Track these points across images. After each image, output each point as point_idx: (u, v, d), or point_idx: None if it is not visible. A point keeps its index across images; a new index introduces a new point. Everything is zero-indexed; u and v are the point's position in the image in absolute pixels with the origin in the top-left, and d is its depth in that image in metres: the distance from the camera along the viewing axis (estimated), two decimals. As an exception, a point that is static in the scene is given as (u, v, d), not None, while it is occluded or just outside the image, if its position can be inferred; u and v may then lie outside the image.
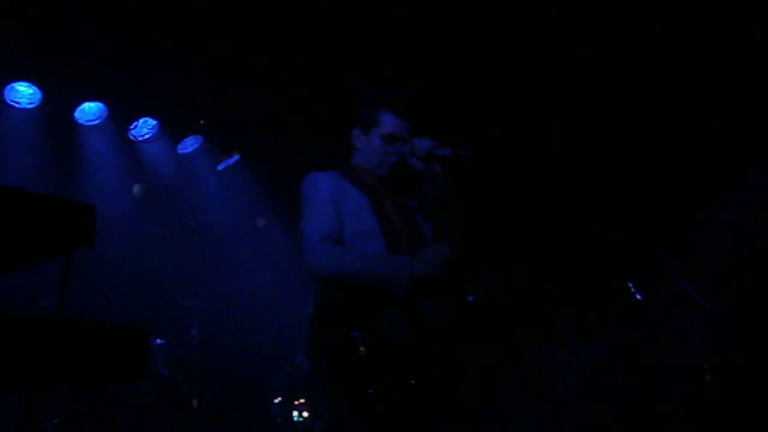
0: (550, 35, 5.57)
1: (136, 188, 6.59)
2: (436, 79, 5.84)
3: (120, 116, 6.48)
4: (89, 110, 6.32)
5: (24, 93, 6.01)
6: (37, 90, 6.01)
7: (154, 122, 6.66)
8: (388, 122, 3.36)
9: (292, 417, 6.63)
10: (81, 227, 1.91)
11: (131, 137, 6.62)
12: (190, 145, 6.94)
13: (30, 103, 6.04)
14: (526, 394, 5.69)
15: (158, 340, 5.94)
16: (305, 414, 6.69)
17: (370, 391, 2.88)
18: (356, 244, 3.15)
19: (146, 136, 6.69)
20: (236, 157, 7.05)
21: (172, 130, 6.82)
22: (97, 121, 6.37)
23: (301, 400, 6.72)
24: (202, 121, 6.87)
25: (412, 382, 2.92)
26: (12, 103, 6.00)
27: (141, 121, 6.60)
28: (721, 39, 5.29)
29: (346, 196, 3.24)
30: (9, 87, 5.95)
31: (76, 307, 5.45)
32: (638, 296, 4.57)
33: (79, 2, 5.43)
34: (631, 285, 4.73)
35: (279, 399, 6.71)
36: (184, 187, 7.12)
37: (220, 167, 7.06)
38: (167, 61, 6.11)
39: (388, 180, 3.41)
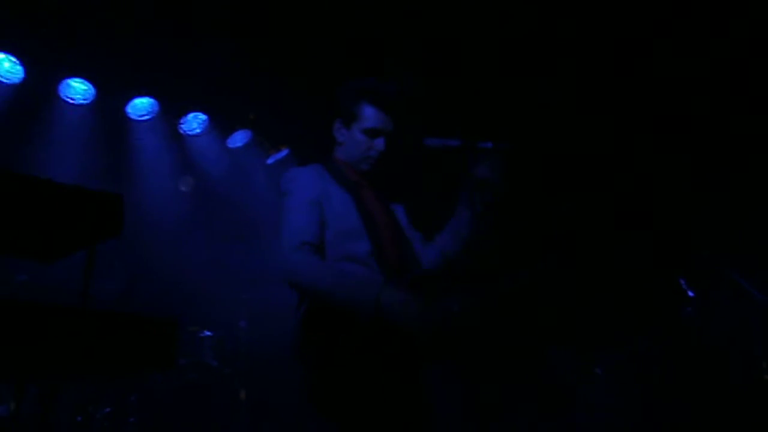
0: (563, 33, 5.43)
1: (183, 182, 6.67)
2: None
3: (170, 111, 6.57)
4: (141, 105, 6.43)
5: (78, 89, 6.15)
6: (90, 86, 6.14)
7: (204, 117, 6.74)
8: (369, 115, 3.20)
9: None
10: (108, 217, 1.92)
11: (181, 132, 6.71)
12: (239, 139, 7.01)
13: (84, 99, 6.18)
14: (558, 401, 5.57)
15: (206, 332, 6.01)
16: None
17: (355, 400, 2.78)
18: (340, 245, 3.00)
19: (196, 131, 6.78)
20: (286, 151, 7.07)
21: (221, 124, 6.89)
22: (148, 117, 6.48)
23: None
24: (251, 116, 6.91)
25: (392, 392, 2.81)
26: (67, 99, 6.14)
27: (191, 115, 6.69)
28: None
29: (330, 195, 3.08)
30: (64, 83, 6.09)
31: (126, 297, 5.60)
32: (690, 293, 4.44)
33: (128, 3, 5.51)
34: (683, 282, 4.61)
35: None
36: (234, 181, 7.18)
37: (269, 161, 7.09)
38: (217, 56, 6.17)
39: (371, 175, 3.28)
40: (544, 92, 5.76)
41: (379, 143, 3.21)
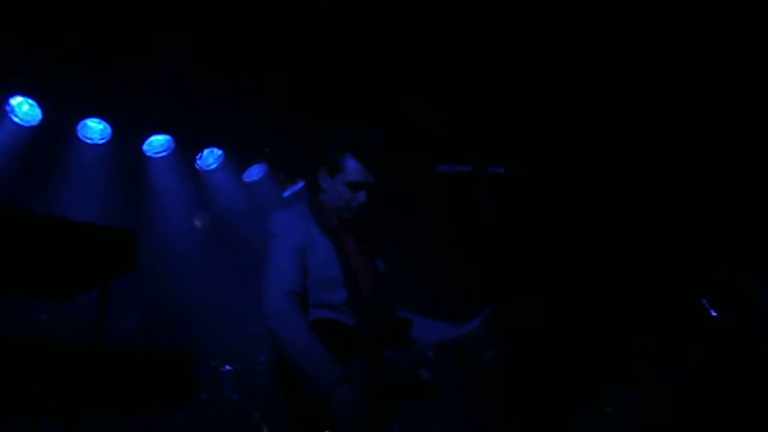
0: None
1: (198, 218, 6.70)
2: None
3: (186, 147, 6.63)
4: (157, 143, 6.50)
5: (95, 129, 6.23)
6: (107, 125, 6.22)
7: (220, 152, 6.80)
8: (352, 169, 3.27)
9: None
10: (122, 254, 1.93)
11: (198, 167, 6.76)
12: (255, 173, 7.05)
13: (101, 139, 6.26)
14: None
15: (227, 367, 5.99)
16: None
17: None
18: (319, 292, 3.09)
19: (212, 166, 6.83)
20: (301, 183, 7.11)
21: (237, 159, 6.94)
22: (164, 153, 6.54)
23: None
24: (266, 150, 6.96)
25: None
26: (85, 140, 6.22)
27: (207, 151, 6.74)
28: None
29: (313, 241, 3.17)
30: (81, 124, 6.18)
31: (147, 334, 5.62)
32: (713, 313, 4.38)
33: (143, 40, 5.60)
34: (705, 302, 4.55)
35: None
36: (251, 215, 7.21)
37: (285, 194, 7.12)
38: (230, 92, 6.25)
39: (353, 223, 3.35)
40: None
41: (361, 196, 3.27)
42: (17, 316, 5.01)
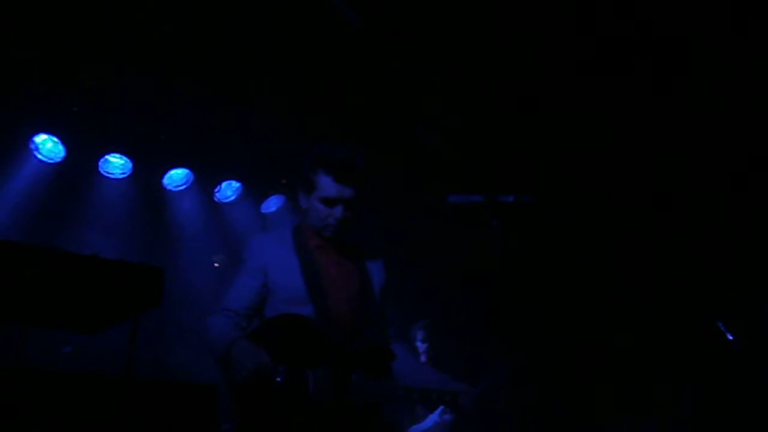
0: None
1: (216, 258, 6.79)
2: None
3: (205, 180, 6.74)
4: (176, 176, 6.62)
5: (116, 164, 6.36)
6: (128, 160, 6.35)
7: (238, 184, 6.91)
8: (324, 184, 3.25)
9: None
10: (149, 289, 2.02)
11: (216, 200, 6.88)
12: (273, 204, 7.16)
13: (122, 173, 6.39)
14: None
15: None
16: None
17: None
18: (286, 311, 3.11)
19: (231, 198, 6.94)
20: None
21: (255, 191, 7.04)
22: (184, 187, 6.66)
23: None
24: (284, 181, 7.07)
25: None
26: (107, 175, 6.35)
27: (225, 184, 6.85)
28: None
29: (281, 262, 3.20)
30: (103, 159, 6.31)
31: (164, 369, 5.68)
32: (729, 336, 4.38)
33: (162, 76, 5.75)
34: (721, 326, 4.55)
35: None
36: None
37: (302, 226, 7.20)
38: (248, 125, 6.37)
39: (335, 241, 3.34)
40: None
41: (338, 211, 3.25)
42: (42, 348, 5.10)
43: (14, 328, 2.33)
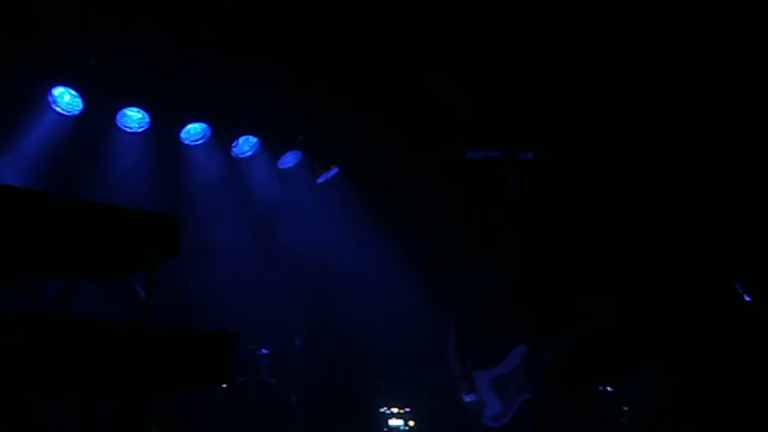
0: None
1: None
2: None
3: (223, 135, 6.74)
4: (194, 131, 6.62)
5: (134, 118, 6.37)
6: (145, 114, 6.35)
7: (255, 140, 6.90)
8: None
9: (397, 426, 6.69)
10: (165, 239, 2.02)
11: (233, 155, 6.88)
12: (290, 160, 7.15)
13: (140, 127, 6.39)
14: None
15: (264, 350, 6.13)
16: (411, 423, 6.74)
17: None
18: None
19: (248, 153, 6.94)
20: (335, 170, 7.19)
21: (272, 146, 7.04)
22: (201, 141, 6.66)
23: (407, 409, 6.78)
24: (301, 137, 7.05)
25: None
26: (124, 128, 6.36)
27: (242, 139, 6.84)
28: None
29: None
30: (120, 113, 6.31)
31: (186, 317, 5.75)
32: (747, 297, 4.37)
33: (180, 30, 5.71)
34: (739, 287, 4.53)
35: (385, 408, 6.79)
36: (286, 201, 7.32)
37: (319, 180, 7.21)
38: (265, 80, 6.34)
39: None
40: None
41: None
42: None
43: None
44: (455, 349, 5.34)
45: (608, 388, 5.52)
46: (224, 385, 5.69)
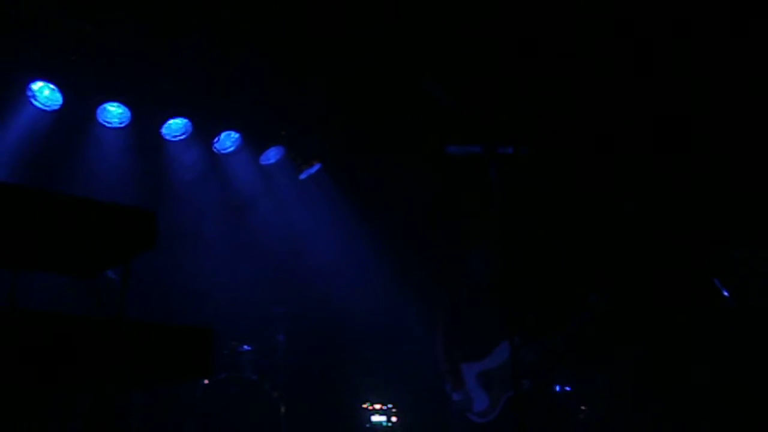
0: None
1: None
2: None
3: (204, 131, 6.70)
4: (175, 126, 6.57)
5: (114, 113, 6.32)
6: (126, 109, 6.30)
7: (237, 135, 6.87)
8: None
9: (380, 422, 6.70)
10: (142, 232, 2.01)
11: (215, 150, 6.84)
12: (272, 156, 7.12)
13: (120, 123, 6.34)
14: None
15: (246, 347, 6.11)
16: (393, 419, 6.75)
17: None
18: None
19: (230, 149, 6.91)
20: (317, 166, 7.17)
21: (254, 142, 7.01)
22: (182, 137, 6.62)
23: (389, 405, 6.79)
24: (283, 132, 7.03)
25: None
26: (105, 123, 6.31)
27: (224, 134, 6.81)
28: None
29: None
30: (101, 108, 6.26)
31: (166, 314, 5.72)
32: (725, 293, 4.40)
33: (161, 25, 5.67)
34: (717, 282, 4.57)
35: (366, 404, 6.80)
36: (268, 197, 7.30)
37: (302, 176, 7.19)
38: (247, 76, 6.31)
39: None
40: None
41: None
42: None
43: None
44: (443, 342, 5.35)
45: (566, 388, 5.56)
46: (206, 382, 5.67)
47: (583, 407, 5.45)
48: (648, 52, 5.44)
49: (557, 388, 5.55)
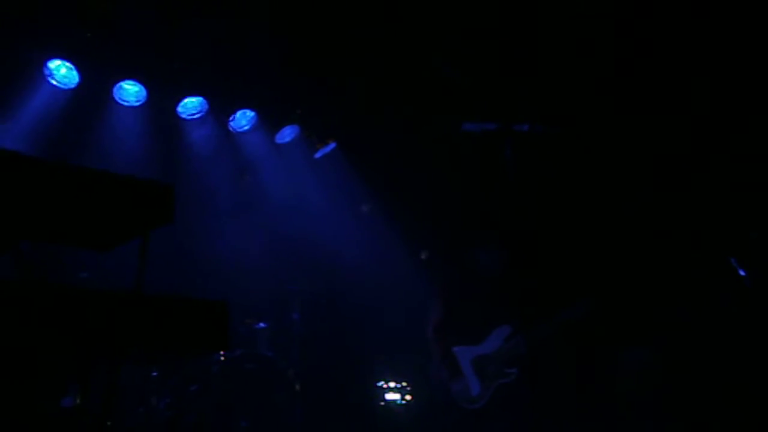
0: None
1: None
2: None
3: (220, 109, 6.72)
4: (191, 105, 6.60)
5: (131, 91, 6.34)
6: (142, 88, 6.32)
7: (252, 114, 6.88)
8: None
9: (394, 400, 6.74)
10: (160, 206, 2.02)
11: (231, 129, 6.86)
12: (287, 134, 7.13)
13: (137, 101, 6.37)
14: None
15: (261, 324, 6.15)
16: (407, 397, 6.79)
17: None
18: None
19: (245, 128, 6.92)
20: (332, 144, 7.17)
21: (269, 121, 7.01)
22: (198, 115, 6.64)
23: (404, 383, 6.82)
24: (298, 111, 7.03)
25: None
26: (121, 102, 6.34)
27: (239, 113, 6.82)
28: None
29: None
30: (117, 86, 6.29)
31: (178, 291, 5.76)
32: (741, 272, 4.37)
33: (177, 3, 5.67)
34: (734, 261, 4.53)
35: (381, 382, 6.84)
36: (284, 176, 7.31)
37: (317, 155, 7.20)
38: (263, 54, 6.30)
39: None
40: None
41: None
42: (59, 274, 5.18)
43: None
44: (436, 326, 5.35)
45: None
46: (222, 358, 5.72)
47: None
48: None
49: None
